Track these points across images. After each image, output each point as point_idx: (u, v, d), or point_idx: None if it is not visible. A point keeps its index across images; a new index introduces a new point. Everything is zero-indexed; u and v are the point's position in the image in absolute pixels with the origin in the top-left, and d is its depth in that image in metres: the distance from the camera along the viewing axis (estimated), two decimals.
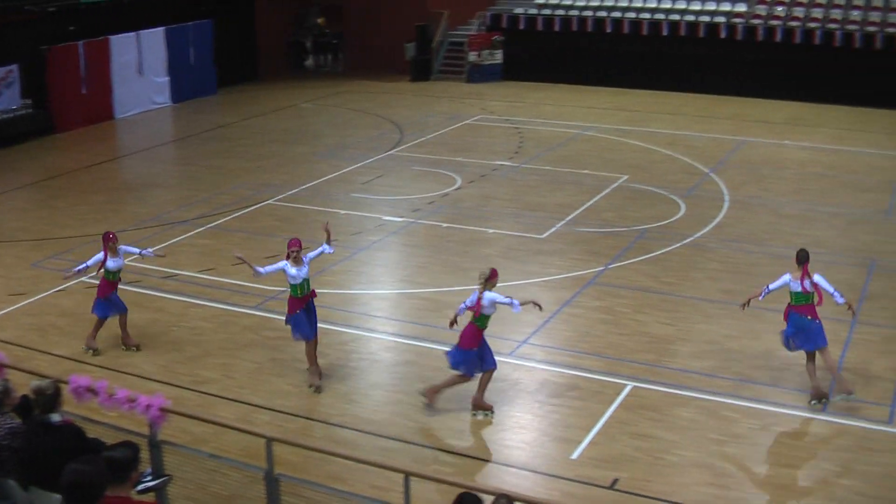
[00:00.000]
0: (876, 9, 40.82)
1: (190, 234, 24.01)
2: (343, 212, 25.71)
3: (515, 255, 22.60)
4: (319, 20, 49.89)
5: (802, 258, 15.98)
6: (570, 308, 19.67)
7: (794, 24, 40.97)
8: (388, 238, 23.80)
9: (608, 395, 16.13)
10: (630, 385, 16.47)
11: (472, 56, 45.39)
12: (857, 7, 41.13)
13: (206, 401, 15.99)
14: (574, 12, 44.90)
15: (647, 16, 43.50)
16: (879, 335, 18.43)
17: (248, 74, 45.52)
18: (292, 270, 16.15)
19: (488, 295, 15.22)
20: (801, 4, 41.91)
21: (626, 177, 28.79)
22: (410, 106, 40.14)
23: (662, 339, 18.25)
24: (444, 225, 24.69)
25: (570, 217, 25.17)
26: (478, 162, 30.63)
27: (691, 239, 23.52)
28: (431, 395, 15.72)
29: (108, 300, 17.73)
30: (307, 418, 15.50)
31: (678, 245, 23.01)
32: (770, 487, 13.84)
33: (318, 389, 16.30)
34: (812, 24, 40.73)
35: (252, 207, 26.08)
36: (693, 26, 42.26)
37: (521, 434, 15.15)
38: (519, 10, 45.98)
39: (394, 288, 21.02)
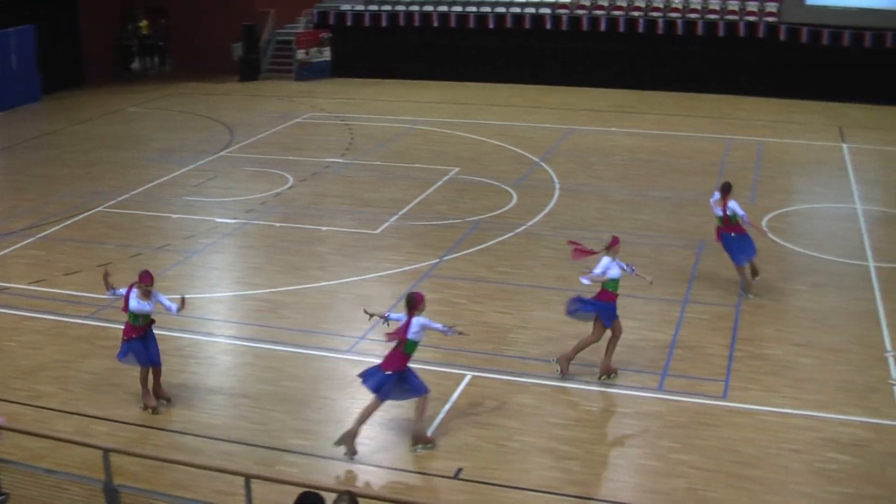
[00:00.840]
0: None
1: (18, 245, 23.40)
2: (175, 216, 25.38)
3: (350, 251, 22.63)
4: (143, 22, 49.07)
5: (725, 189, 19.02)
6: None
7: (617, 13, 41.85)
8: (222, 240, 23.59)
9: (448, 385, 16.26)
10: (469, 375, 16.65)
11: (301, 54, 45.25)
12: None
13: (43, 415, 15.61)
14: (401, 7, 45.13)
15: (473, 9, 43.95)
16: (711, 313, 19.00)
17: (73, 80, 44.34)
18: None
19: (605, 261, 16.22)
20: None
21: (457, 169, 29.04)
22: (240, 106, 39.75)
23: (500, 328, 18.49)
24: (278, 225, 24.57)
25: (403, 211, 25.29)
26: (309, 160, 30.54)
27: (524, 228, 23.84)
28: (607, 369, 16.52)
29: (129, 345, 15.55)
30: (147, 427, 15.25)
31: (511, 234, 23.29)
32: (612, 467, 14.15)
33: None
34: (635, 14, 41.63)
35: (82, 215, 25.53)
36: (519, 18, 42.85)
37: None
38: (346, 7, 45.95)
39: (229, 290, 20.85)
